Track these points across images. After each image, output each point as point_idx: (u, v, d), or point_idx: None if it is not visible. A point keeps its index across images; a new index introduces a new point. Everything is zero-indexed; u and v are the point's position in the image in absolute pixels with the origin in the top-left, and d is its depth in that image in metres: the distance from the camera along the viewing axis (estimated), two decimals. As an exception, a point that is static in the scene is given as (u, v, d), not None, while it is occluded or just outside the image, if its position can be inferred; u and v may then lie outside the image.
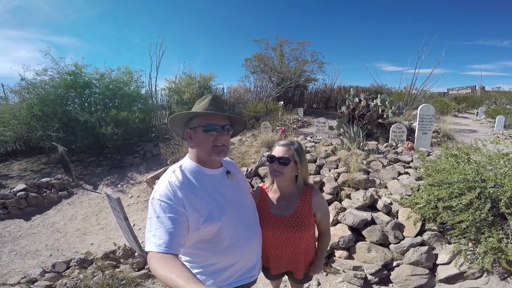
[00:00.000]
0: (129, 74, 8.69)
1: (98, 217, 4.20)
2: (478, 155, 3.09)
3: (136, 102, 9.26)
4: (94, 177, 6.06)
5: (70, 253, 3.25)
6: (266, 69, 14.53)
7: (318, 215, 1.47)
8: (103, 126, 7.01)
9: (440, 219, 2.56)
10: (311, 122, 10.11)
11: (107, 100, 8.25)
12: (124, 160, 6.91)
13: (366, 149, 5.09)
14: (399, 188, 3.39)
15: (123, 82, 8.36)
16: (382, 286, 2.48)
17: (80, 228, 3.90)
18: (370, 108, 7.65)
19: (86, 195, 5.18)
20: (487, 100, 19.09)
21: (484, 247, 2.30)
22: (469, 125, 11.55)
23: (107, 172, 6.35)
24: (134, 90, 8.97)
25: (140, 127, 8.33)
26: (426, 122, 6.31)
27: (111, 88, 8.01)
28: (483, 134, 9.22)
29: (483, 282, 2.35)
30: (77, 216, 4.31)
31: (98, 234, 3.66)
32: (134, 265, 2.44)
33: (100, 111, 7.64)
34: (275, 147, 1.45)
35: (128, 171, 6.32)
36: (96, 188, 5.48)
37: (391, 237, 2.63)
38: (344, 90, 15.48)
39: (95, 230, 3.79)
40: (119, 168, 6.50)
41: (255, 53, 15.31)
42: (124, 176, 6.00)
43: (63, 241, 3.57)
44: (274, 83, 12.95)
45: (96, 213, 4.35)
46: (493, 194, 2.41)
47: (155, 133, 9.03)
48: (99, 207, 4.58)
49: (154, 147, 7.57)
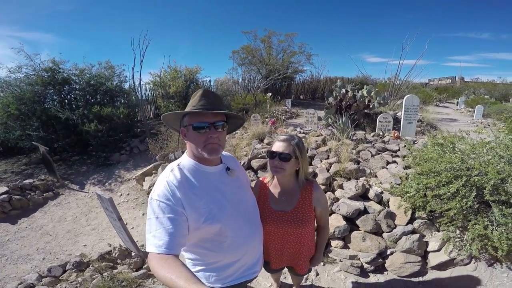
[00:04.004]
0: (111, 69, 8.39)
1: (88, 218, 4.08)
2: (462, 144, 3.20)
3: (120, 97, 9.01)
4: (80, 176, 5.87)
5: (64, 255, 3.16)
6: (254, 61, 14.40)
7: (318, 210, 1.48)
8: (86, 123, 6.76)
9: (429, 207, 2.65)
10: (299, 113, 10.17)
11: (89, 96, 7.96)
12: (110, 158, 6.72)
13: (355, 139, 5.19)
14: (389, 177, 3.48)
15: (104, 77, 8.05)
16: (377, 274, 2.56)
17: (70, 229, 3.79)
18: (356, 99, 7.78)
19: (73, 195, 5.01)
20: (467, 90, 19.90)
21: (471, 234, 2.40)
22: (450, 114, 12.00)
23: (93, 170, 6.16)
24: (117, 85, 8.68)
25: (125, 123, 8.11)
26: (411, 112, 6.48)
27: (92, 84, 7.71)
28: (463, 123, 9.61)
29: (472, 269, 2.47)
30: (66, 217, 4.18)
31: (90, 235, 3.57)
32: (132, 265, 2.40)
33: (81, 107, 7.36)
34: (274, 142, 1.43)
35: (115, 168, 6.15)
36: (83, 187, 5.31)
37: (384, 226, 2.72)
38: (330, 81, 15.64)
39: (86, 231, 3.69)
40: (105, 166, 6.32)
41: (243, 45, 15.18)
42: (111, 174, 5.84)
43: (54, 244, 3.46)
44: (262, 75, 12.87)
45: (85, 214, 4.23)
46: (478, 182, 2.51)
47: (141, 128, 8.83)
48: (88, 207, 4.45)
49: (141, 143, 7.41)
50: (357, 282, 2.48)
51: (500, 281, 2.35)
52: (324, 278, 2.54)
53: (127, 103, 8.73)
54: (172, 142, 5.76)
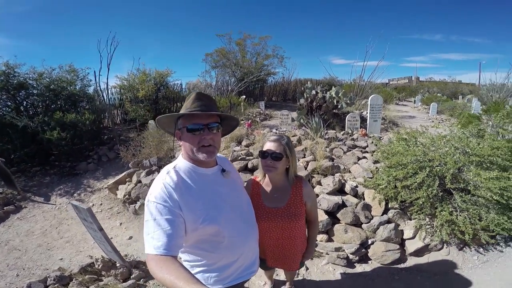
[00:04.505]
0: (74, 72, 7.85)
1: (59, 230, 3.81)
2: (423, 138, 3.54)
3: (84, 102, 8.47)
4: (43, 187, 5.42)
5: (39, 271, 2.92)
6: (228, 63, 14.37)
7: (308, 204, 1.57)
8: (47, 131, 6.25)
9: (400, 197, 2.90)
10: (272, 114, 10.36)
11: (48, 102, 7.37)
12: (76, 167, 6.30)
13: (327, 138, 5.45)
14: (361, 171, 3.73)
15: (66, 82, 7.53)
16: (363, 264, 2.70)
17: (41, 243, 3.51)
18: (326, 100, 8.16)
19: (38, 207, 4.63)
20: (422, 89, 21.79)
21: (440, 220, 2.64)
22: (408, 111, 13.02)
23: (58, 181, 5.72)
24: (81, 90, 8.15)
25: (91, 130, 7.64)
26: (376, 110, 6.97)
27: (52, 89, 7.16)
28: (420, 119, 10.51)
29: (445, 253, 2.71)
30: (34, 231, 3.86)
31: (64, 248, 3.34)
32: (119, 276, 2.29)
33: (41, 114, 6.80)
34: (265, 142, 1.49)
35: (83, 178, 5.79)
36: (49, 199, 4.92)
37: (362, 217, 2.91)
38: (300, 83, 16.12)
39: (60, 244, 3.45)
40: (71, 176, 5.92)
41: (217, 48, 15.07)
42: (80, 184, 5.48)
43: (26, 259, 3.19)
44: (237, 78, 12.90)
45: (55, 226, 3.94)
46: (439, 172, 2.80)
47: (109, 135, 8.38)
48: (57, 220, 4.14)
49: (110, 151, 7.04)
50: (345, 273, 2.61)
51: (473, 263, 2.59)
52: (314, 272, 2.64)
53: (92, 108, 8.25)
54: (145, 148, 5.55)
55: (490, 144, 2.97)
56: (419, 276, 2.52)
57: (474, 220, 2.56)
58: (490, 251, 2.72)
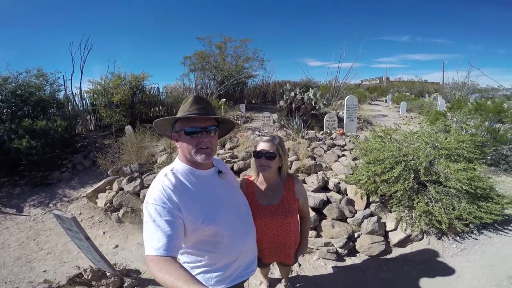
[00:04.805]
0: (43, 77, 7.44)
1: (38, 242, 3.59)
2: (397, 135, 3.78)
3: (54, 108, 8.02)
4: (14, 199, 5.08)
5: (23, 284, 2.75)
6: (208, 66, 14.26)
7: (300, 200, 1.65)
8: (14, 139, 5.86)
9: (380, 191, 3.07)
10: (253, 117, 10.45)
11: (15, 108, 6.92)
12: (48, 176, 5.96)
13: (308, 138, 5.63)
14: (342, 168, 3.91)
15: (35, 86, 7.12)
16: (352, 257, 2.82)
17: (20, 256, 3.30)
18: (304, 101, 8.41)
19: (11, 219, 4.33)
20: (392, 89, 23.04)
21: (418, 211, 2.83)
22: (381, 110, 13.73)
23: (30, 191, 5.39)
24: (50, 95, 7.72)
25: (64, 137, 7.26)
26: (352, 110, 7.28)
27: (19, 94, 6.75)
28: (392, 117, 11.13)
29: (426, 243, 2.88)
30: (10, 244, 3.61)
31: (46, 259, 3.16)
32: (111, 285, 2.21)
33: (7, 121, 6.35)
34: (259, 142, 1.55)
35: (57, 188, 5.49)
36: (21, 210, 4.62)
37: (347, 212, 3.05)
38: (278, 85, 16.38)
39: (40, 256, 3.25)
40: (44, 186, 5.60)
41: (197, 51, 14.91)
42: (54, 194, 5.20)
43: (6, 272, 2.98)
44: (217, 81, 12.83)
45: (33, 238, 3.72)
46: (413, 165, 3.02)
47: (82, 143, 8.00)
48: (34, 231, 3.91)
49: (85, 158, 6.75)
50: (336, 266, 2.71)
51: (453, 251, 2.78)
52: (307, 268, 2.72)
53: (63, 114, 7.83)
54: (124, 155, 5.37)
55: (456, 138, 3.26)
56: (405, 266, 2.67)
57: (448, 210, 2.76)
58: (466, 239, 2.92)
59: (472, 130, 4.86)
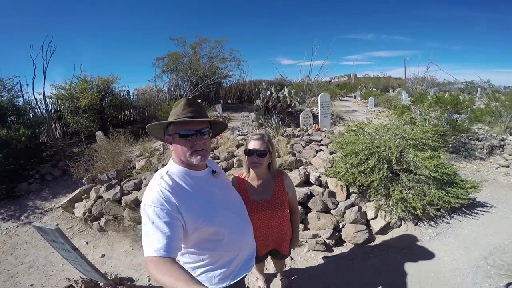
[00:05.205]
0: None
1: (16, 256, 3.36)
2: (368, 128, 4.04)
3: (13, 116, 7.44)
4: (-22, 215, 4.68)
5: None
6: (182, 67, 13.95)
7: (290, 194, 1.75)
8: (-29, 152, 5.38)
9: (358, 182, 3.27)
10: (230, 117, 10.45)
11: (-32, 117, 6.34)
12: (15, 189, 5.56)
13: (286, 135, 5.80)
14: (321, 162, 4.10)
15: (-11, 93, 6.57)
16: (339, 247, 2.96)
17: (1, 271, 3.09)
18: (280, 100, 8.61)
19: (-20, 234, 4.01)
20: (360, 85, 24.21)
21: (394, 199, 3.03)
22: (351, 106, 14.39)
23: (-5, 206, 4.99)
24: (9, 102, 7.15)
25: (28, 147, 6.76)
26: (325, 107, 7.60)
27: (-29, 102, 6.19)
28: (362, 112, 11.72)
29: (405, 229, 3.08)
30: None
31: (30, 273, 2.97)
32: None
33: (-39, 132, 5.79)
34: (249, 141, 1.62)
35: (26, 200, 5.15)
36: (-11, 226, 4.30)
37: (330, 204, 3.21)
38: (254, 85, 16.48)
39: (23, 270, 3.05)
40: (11, 199, 5.23)
41: (169, 52, 14.47)
42: (25, 206, 4.87)
43: None
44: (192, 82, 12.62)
45: (10, 252, 3.47)
46: (386, 156, 3.26)
47: (48, 152, 7.50)
48: (9, 245, 3.65)
49: (54, 168, 6.35)
50: (326, 257, 2.84)
51: (430, 236, 2.99)
52: (299, 260, 2.82)
53: (26, 122, 7.28)
54: (99, 162, 5.15)
55: (421, 129, 3.57)
56: (389, 252, 2.84)
57: (420, 196, 3.00)
58: (439, 224, 3.15)
59: (434, 121, 5.33)
